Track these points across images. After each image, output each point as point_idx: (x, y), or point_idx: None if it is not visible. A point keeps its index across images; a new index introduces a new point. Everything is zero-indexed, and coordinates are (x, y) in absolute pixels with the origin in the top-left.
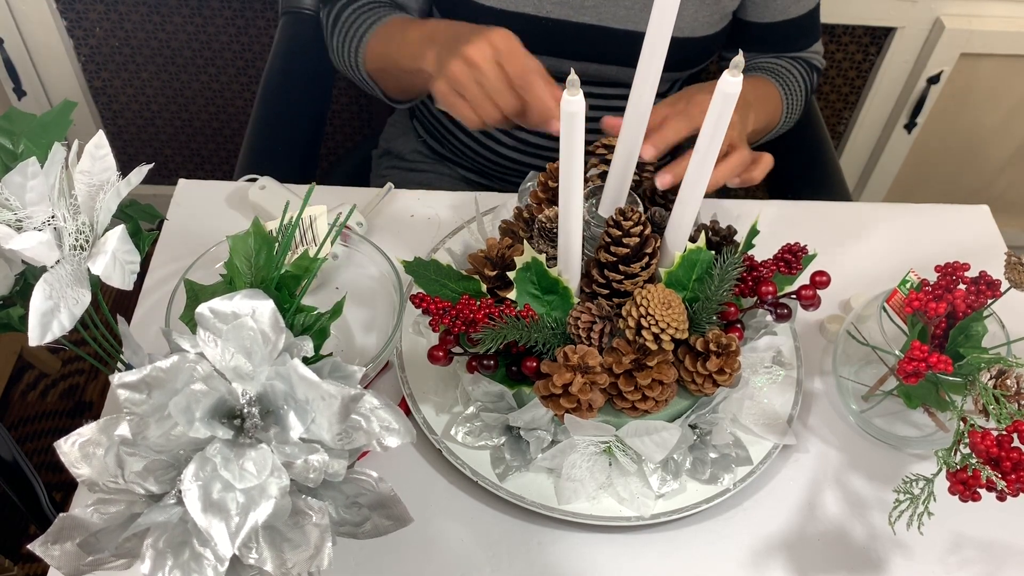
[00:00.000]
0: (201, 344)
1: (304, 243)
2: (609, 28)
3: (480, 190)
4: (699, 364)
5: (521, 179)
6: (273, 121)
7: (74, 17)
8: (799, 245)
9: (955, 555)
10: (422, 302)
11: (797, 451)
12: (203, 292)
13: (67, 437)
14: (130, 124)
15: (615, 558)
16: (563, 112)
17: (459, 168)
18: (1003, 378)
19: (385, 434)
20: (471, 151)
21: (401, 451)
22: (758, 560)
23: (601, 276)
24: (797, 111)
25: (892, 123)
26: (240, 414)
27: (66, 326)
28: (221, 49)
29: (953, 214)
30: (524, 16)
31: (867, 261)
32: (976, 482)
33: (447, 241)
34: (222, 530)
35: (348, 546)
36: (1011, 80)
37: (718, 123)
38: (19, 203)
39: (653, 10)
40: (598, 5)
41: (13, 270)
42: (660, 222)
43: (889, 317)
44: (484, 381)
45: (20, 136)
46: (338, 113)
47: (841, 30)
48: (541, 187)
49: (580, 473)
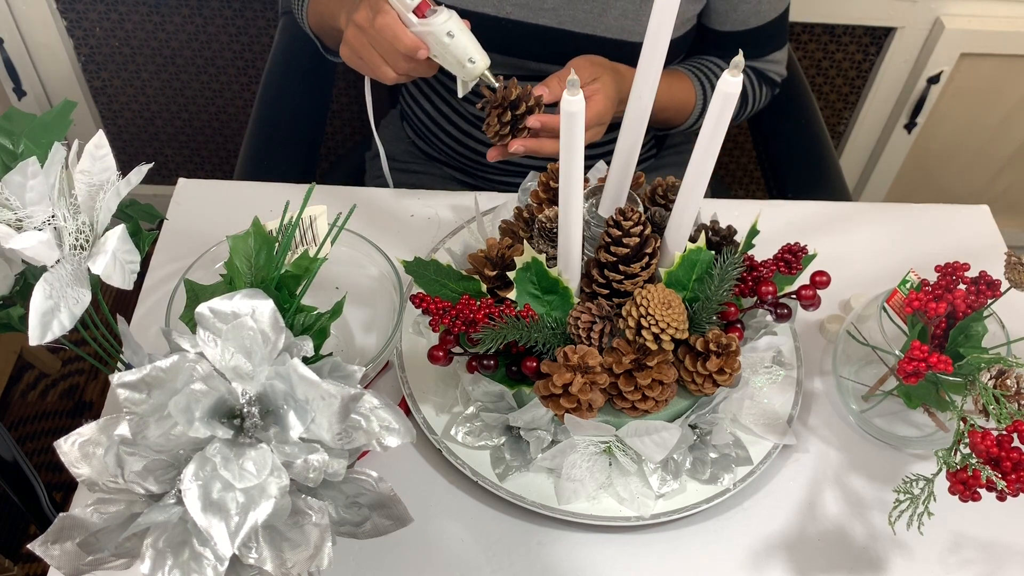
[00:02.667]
0: (201, 344)
1: (304, 243)
2: (568, 31)
3: (470, 190)
4: (699, 364)
5: (507, 179)
6: (273, 121)
7: (74, 17)
8: (799, 245)
9: (955, 555)
10: (422, 302)
11: (797, 451)
12: (203, 292)
13: (67, 437)
14: (130, 124)
15: (615, 558)
16: (563, 112)
17: (448, 168)
18: (1003, 378)
19: (385, 434)
20: (457, 152)
21: (401, 451)
22: (758, 560)
23: (601, 276)
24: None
25: (892, 123)
26: (240, 414)
27: (66, 326)
28: (221, 49)
29: (953, 214)
30: (484, 16)
31: (867, 261)
32: (976, 482)
33: (447, 241)
34: (222, 530)
35: (348, 546)
36: (1011, 80)
37: (718, 123)
38: (19, 203)
39: (653, 10)
40: (557, 7)
41: (13, 270)
42: (660, 222)
43: (889, 317)
44: (484, 381)
45: (20, 136)
46: (338, 113)
47: (841, 30)
48: (541, 187)
49: (580, 473)
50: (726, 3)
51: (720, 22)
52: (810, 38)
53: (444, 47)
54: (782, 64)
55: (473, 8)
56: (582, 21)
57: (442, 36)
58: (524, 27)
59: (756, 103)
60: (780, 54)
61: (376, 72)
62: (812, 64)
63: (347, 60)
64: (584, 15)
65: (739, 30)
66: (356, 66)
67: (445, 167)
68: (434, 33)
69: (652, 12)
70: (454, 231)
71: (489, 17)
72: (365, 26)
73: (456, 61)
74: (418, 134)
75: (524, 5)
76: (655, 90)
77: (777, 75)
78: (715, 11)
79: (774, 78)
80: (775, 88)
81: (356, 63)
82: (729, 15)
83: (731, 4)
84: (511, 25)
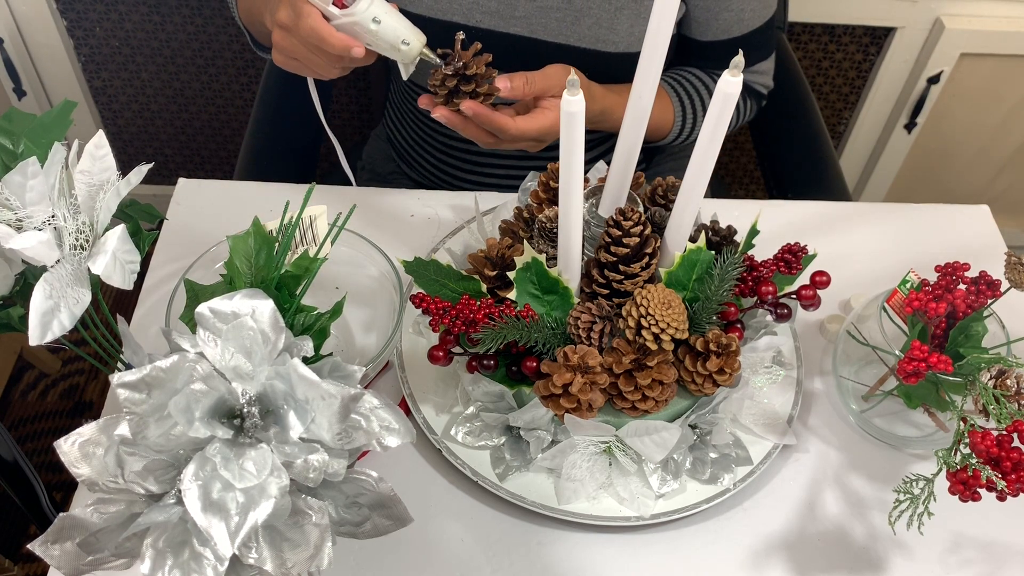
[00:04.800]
0: (201, 344)
1: (304, 243)
2: (539, 40)
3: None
4: (699, 364)
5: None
6: (273, 121)
7: (74, 17)
8: (799, 245)
9: (955, 555)
10: (422, 302)
11: (797, 451)
12: (203, 292)
13: (67, 437)
14: (130, 124)
15: (615, 558)
16: (563, 112)
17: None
18: (1003, 378)
19: (385, 434)
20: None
21: (401, 451)
22: (758, 560)
23: (601, 276)
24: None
25: (892, 123)
26: (240, 414)
27: (66, 326)
28: (221, 49)
29: (953, 214)
30: (454, 25)
31: (867, 261)
32: (976, 482)
33: (447, 241)
34: (222, 530)
35: (348, 546)
36: (1011, 80)
37: (718, 123)
38: (19, 203)
39: (653, 11)
40: (528, 16)
41: (13, 270)
42: (660, 222)
43: (889, 317)
44: (484, 381)
45: (20, 136)
46: (338, 113)
47: (841, 30)
48: (541, 187)
49: (580, 473)
50: (707, 12)
51: (701, 31)
52: (810, 38)
53: (373, 34)
54: (768, 75)
55: (442, 16)
56: (554, 30)
57: (368, 24)
58: (495, 36)
59: (741, 116)
60: (765, 64)
61: (315, 72)
62: (812, 64)
63: (282, 65)
64: (556, 24)
65: (721, 39)
66: (291, 68)
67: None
68: (359, 22)
69: (652, 12)
70: (454, 231)
71: (459, 25)
72: (290, 26)
73: (389, 46)
74: (402, 158)
75: (495, 13)
76: (655, 90)
77: (763, 87)
78: (696, 20)
79: (760, 90)
80: (761, 100)
81: (290, 65)
82: (710, 24)
83: (712, 12)
84: (481, 34)
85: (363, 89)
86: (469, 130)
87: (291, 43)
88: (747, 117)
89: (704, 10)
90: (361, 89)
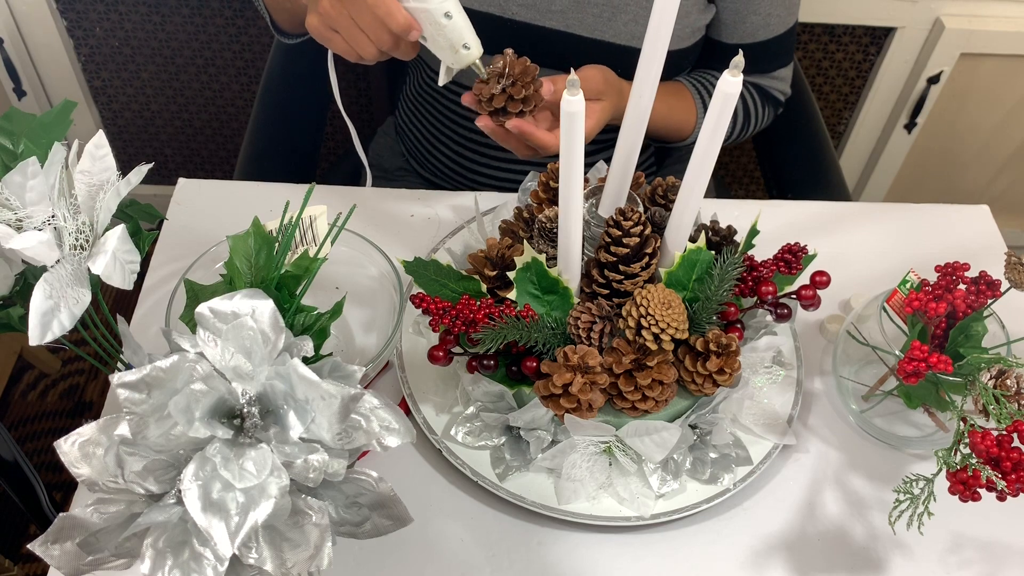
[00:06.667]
0: (201, 344)
1: (304, 243)
2: (575, 35)
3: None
4: (699, 364)
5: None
6: (273, 121)
7: (74, 17)
8: (799, 245)
9: (955, 555)
10: (422, 302)
11: (797, 451)
12: (203, 292)
13: (67, 437)
14: (130, 124)
15: (615, 558)
16: (563, 112)
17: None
18: (1003, 378)
19: (385, 434)
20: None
21: (401, 451)
22: (758, 560)
23: (601, 276)
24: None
25: (892, 123)
26: (240, 414)
27: (66, 326)
28: (221, 49)
29: (953, 214)
30: (488, 16)
31: (867, 261)
32: (976, 482)
33: (447, 241)
34: (222, 530)
35: (348, 546)
36: (1011, 80)
37: (718, 123)
38: (19, 203)
39: (653, 10)
40: (565, 10)
41: (13, 270)
42: (660, 222)
43: (889, 317)
44: (484, 381)
45: (20, 136)
46: (338, 113)
47: (841, 30)
48: (541, 187)
49: (580, 473)
50: (735, 14)
51: (728, 34)
52: (810, 38)
53: (439, 28)
54: (787, 82)
55: (477, 7)
56: (590, 25)
57: (439, 16)
58: (530, 29)
59: (759, 122)
60: (785, 71)
61: (355, 47)
62: (812, 64)
63: (314, 32)
64: (593, 19)
65: (747, 43)
66: (325, 39)
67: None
68: (430, 12)
69: (652, 12)
70: (454, 231)
71: (493, 17)
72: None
73: (449, 45)
74: (412, 154)
75: (531, 6)
76: (655, 89)
77: (781, 93)
78: (724, 22)
79: (778, 96)
80: (778, 108)
81: (327, 36)
82: (738, 27)
83: (740, 15)
84: (516, 27)
85: (363, 90)
86: (510, 143)
87: (340, 12)
88: (764, 123)
89: (733, 12)
90: (362, 90)
